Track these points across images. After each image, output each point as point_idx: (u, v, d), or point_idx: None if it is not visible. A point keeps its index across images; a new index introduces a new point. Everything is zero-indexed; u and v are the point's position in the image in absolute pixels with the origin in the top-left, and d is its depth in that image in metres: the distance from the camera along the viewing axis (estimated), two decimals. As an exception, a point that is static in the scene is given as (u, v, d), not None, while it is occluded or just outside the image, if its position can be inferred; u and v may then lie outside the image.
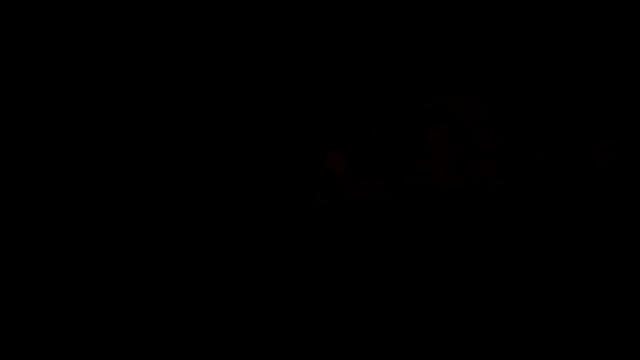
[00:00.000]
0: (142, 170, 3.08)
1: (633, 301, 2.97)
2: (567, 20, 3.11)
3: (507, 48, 3.10)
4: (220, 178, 3.09)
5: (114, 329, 2.97)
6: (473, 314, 2.99)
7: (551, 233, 3.03)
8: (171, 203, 3.07)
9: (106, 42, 3.11)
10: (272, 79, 3.13)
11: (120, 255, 3.03)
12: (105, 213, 3.05)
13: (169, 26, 3.13)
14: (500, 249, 3.03)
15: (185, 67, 3.13)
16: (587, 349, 2.96)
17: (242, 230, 3.07)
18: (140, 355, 2.95)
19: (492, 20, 3.10)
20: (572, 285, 3.00)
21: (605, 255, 3.01)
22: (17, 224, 3.01)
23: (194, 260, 3.05)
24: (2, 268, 2.97)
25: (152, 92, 3.12)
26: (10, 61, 3.07)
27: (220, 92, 3.13)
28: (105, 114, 3.10)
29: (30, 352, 2.92)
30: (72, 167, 3.05)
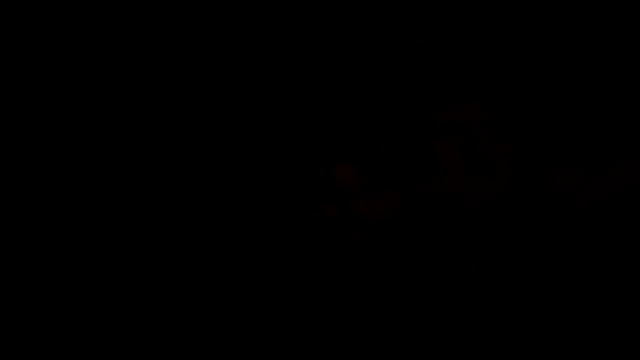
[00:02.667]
0: (152, 175, 3.09)
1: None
2: (587, 33, 3.07)
3: (522, 60, 3.07)
4: (229, 187, 3.09)
5: (114, 329, 2.97)
6: (485, 327, 2.95)
7: (565, 248, 2.98)
8: (180, 211, 3.07)
9: (108, 43, 3.13)
10: (283, 90, 3.13)
11: (121, 258, 3.04)
12: (108, 217, 3.06)
13: (176, 34, 3.15)
14: (512, 263, 2.99)
15: (194, 73, 3.14)
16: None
17: (251, 239, 3.06)
18: (140, 356, 2.95)
19: (507, 32, 3.08)
20: (585, 302, 2.95)
21: (619, 277, 2.96)
22: (17, 224, 3.02)
23: (202, 267, 3.05)
24: (2, 268, 2.99)
25: (163, 98, 3.13)
26: (10, 61, 3.09)
27: (230, 100, 3.14)
28: (112, 118, 3.11)
29: (30, 352, 2.93)
30: (72, 168, 3.06)
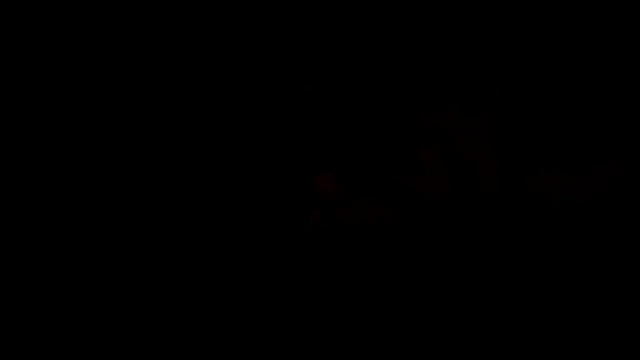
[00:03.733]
0: (138, 179, 3.10)
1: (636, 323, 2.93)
2: (565, 36, 3.07)
3: (503, 66, 3.07)
4: (213, 193, 3.11)
5: (114, 328, 3.00)
6: (470, 332, 2.97)
7: (548, 248, 3.00)
8: (166, 216, 3.09)
9: (106, 43, 3.13)
10: (264, 96, 3.14)
11: (110, 261, 3.05)
12: (103, 218, 3.08)
13: (163, 42, 3.16)
14: (498, 265, 3.00)
15: (176, 81, 3.15)
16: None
17: (237, 245, 3.08)
18: (140, 356, 2.97)
19: (487, 39, 3.08)
20: (573, 306, 2.97)
21: (604, 277, 2.97)
22: (18, 224, 3.03)
23: (189, 272, 3.06)
24: (2, 268, 3.02)
25: (147, 105, 3.14)
26: (10, 61, 3.10)
27: (211, 107, 3.15)
28: (103, 118, 3.12)
29: (30, 352, 2.97)
30: (73, 168, 3.08)
